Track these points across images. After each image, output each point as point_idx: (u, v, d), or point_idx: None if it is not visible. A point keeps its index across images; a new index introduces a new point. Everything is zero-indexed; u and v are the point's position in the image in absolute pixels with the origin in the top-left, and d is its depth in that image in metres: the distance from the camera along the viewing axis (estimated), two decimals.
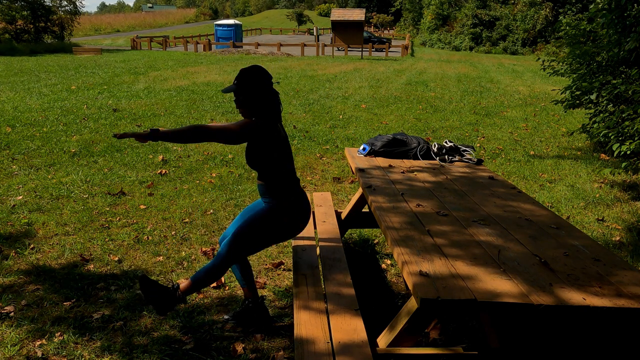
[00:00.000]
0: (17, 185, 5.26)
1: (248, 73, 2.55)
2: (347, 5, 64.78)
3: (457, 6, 41.26)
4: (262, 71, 2.57)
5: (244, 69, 2.58)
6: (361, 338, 2.12)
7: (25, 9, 28.25)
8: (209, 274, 2.61)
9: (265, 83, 2.56)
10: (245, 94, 2.53)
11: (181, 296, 2.62)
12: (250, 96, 2.53)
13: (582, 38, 7.05)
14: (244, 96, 2.54)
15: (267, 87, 2.55)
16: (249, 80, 2.53)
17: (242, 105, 2.56)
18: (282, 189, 2.63)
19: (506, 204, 2.84)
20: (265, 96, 2.54)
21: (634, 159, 5.27)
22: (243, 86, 2.53)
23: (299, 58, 24.92)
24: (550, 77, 12.03)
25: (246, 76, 2.54)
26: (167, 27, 62.69)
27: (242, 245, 2.60)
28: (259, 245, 2.66)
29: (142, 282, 2.61)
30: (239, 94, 2.55)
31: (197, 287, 2.64)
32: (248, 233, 2.60)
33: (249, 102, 2.54)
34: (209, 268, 2.61)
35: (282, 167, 2.61)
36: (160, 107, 9.94)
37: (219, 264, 2.60)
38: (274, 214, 2.63)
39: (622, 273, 2.03)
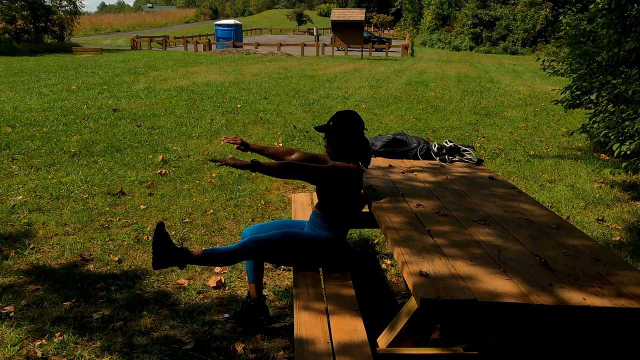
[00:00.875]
0: (17, 185, 5.26)
1: (344, 116, 2.61)
2: (347, 5, 64.77)
3: (457, 6, 41.26)
4: (357, 117, 2.63)
5: (341, 112, 2.63)
6: (361, 338, 2.12)
7: (25, 9, 28.24)
8: (222, 257, 2.58)
9: (359, 130, 2.61)
10: (339, 136, 2.59)
11: (184, 259, 2.55)
12: (343, 139, 2.59)
13: (582, 38, 7.04)
14: (337, 138, 2.60)
15: (358, 135, 2.61)
16: (345, 124, 2.59)
17: (334, 147, 2.62)
18: (337, 228, 2.67)
19: (506, 204, 2.83)
20: (357, 142, 2.60)
21: (634, 159, 5.27)
22: (338, 129, 2.59)
23: (299, 58, 24.92)
24: (550, 77, 12.03)
25: (342, 119, 2.60)
26: (167, 27, 62.70)
27: (269, 250, 2.60)
28: (284, 259, 2.68)
29: (158, 229, 2.52)
30: (332, 135, 2.61)
31: (204, 261, 2.58)
32: (284, 243, 2.61)
33: (341, 145, 2.60)
34: (226, 252, 2.57)
35: (349, 211, 2.66)
36: (160, 107, 9.94)
37: (237, 253, 2.57)
38: (317, 243, 2.66)
39: (622, 273, 2.03)
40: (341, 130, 2.59)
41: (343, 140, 2.59)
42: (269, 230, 2.83)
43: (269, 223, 2.91)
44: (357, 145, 2.62)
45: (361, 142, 2.64)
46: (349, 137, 2.59)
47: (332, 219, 2.67)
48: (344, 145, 2.60)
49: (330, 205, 2.66)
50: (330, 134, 2.61)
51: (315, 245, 2.66)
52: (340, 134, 2.59)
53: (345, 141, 2.60)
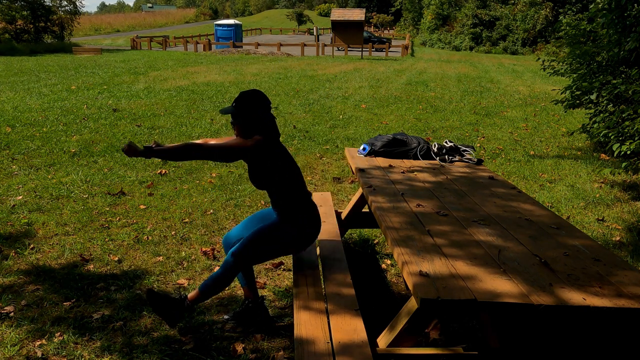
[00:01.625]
0: (17, 185, 5.26)
1: (247, 97, 2.59)
2: (347, 5, 64.78)
3: (457, 6, 41.25)
4: (261, 96, 2.62)
5: (244, 92, 2.62)
6: (361, 338, 2.11)
7: (25, 9, 28.24)
8: (216, 283, 2.66)
9: (264, 108, 2.60)
10: (243, 117, 2.57)
11: (190, 305, 2.69)
12: (248, 120, 2.57)
13: (582, 38, 7.04)
14: (241, 119, 2.58)
15: (265, 112, 2.60)
16: (248, 104, 2.58)
17: (240, 127, 2.60)
18: (293, 203, 2.66)
19: (506, 204, 2.83)
20: (262, 120, 2.58)
21: (634, 159, 5.27)
22: (241, 109, 2.57)
23: (299, 58, 24.92)
24: (550, 77, 12.03)
25: (245, 100, 2.58)
26: (167, 27, 62.69)
27: (249, 256, 2.64)
28: (267, 256, 2.70)
29: (149, 296, 2.66)
30: (237, 116, 2.59)
31: (205, 296, 2.70)
32: (257, 244, 2.63)
33: (246, 125, 2.58)
34: (217, 277, 2.65)
35: (289, 182, 2.64)
36: (160, 107, 9.94)
37: (226, 274, 2.64)
38: (284, 227, 2.66)
39: (622, 273, 2.03)
40: (245, 110, 2.56)
41: (248, 120, 2.57)
42: (238, 230, 2.85)
43: (244, 222, 2.89)
44: (262, 124, 2.58)
45: (266, 120, 2.60)
46: (254, 117, 2.57)
47: (281, 199, 2.66)
48: (250, 125, 2.57)
49: (270, 189, 2.65)
50: (235, 115, 2.59)
51: (284, 228, 2.66)
52: (245, 115, 2.56)
53: (250, 121, 2.57)
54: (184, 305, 2.68)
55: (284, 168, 2.62)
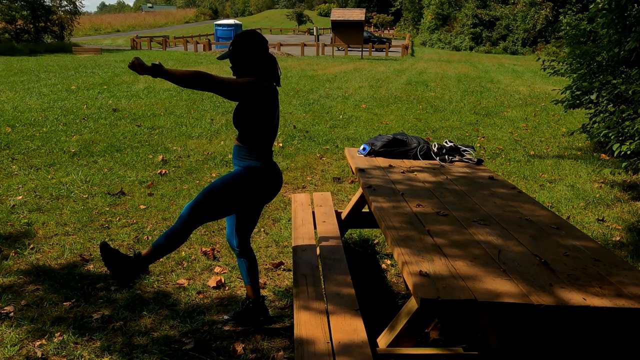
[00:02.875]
0: (17, 185, 5.26)
1: (243, 38, 2.53)
2: (347, 5, 64.78)
3: (457, 6, 41.24)
4: (257, 35, 2.55)
5: (239, 34, 2.56)
6: (361, 338, 2.11)
7: (25, 8, 28.25)
8: (171, 238, 2.48)
9: (261, 47, 2.53)
10: (241, 59, 2.51)
11: (142, 263, 2.49)
12: (246, 61, 2.51)
13: (582, 38, 7.04)
14: (239, 61, 2.52)
15: (262, 52, 2.53)
16: (245, 45, 2.51)
17: (239, 69, 2.54)
18: (261, 153, 2.58)
19: (506, 204, 2.83)
20: (261, 60, 2.52)
21: (634, 159, 5.27)
22: (238, 51, 2.51)
23: (299, 58, 24.92)
24: (551, 77, 12.03)
25: (241, 41, 2.52)
26: (167, 27, 62.68)
27: (209, 205, 2.49)
28: (226, 207, 2.54)
29: (103, 250, 2.47)
30: (234, 60, 2.53)
31: (159, 253, 2.51)
32: (214, 193, 2.49)
33: (246, 67, 2.51)
34: (171, 232, 2.49)
35: (266, 132, 2.57)
36: (160, 107, 9.94)
37: (182, 226, 2.47)
38: (248, 175, 2.55)
39: (622, 273, 2.03)
40: (242, 51, 2.51)
41: (245, 61, 2.51)
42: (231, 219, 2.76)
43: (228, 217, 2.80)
44: (260, 63, 2.52)
45: (265, 60, 2.54)
46: (251, 57, 2.51)
47: (254, 147, 2.57)
48: (248, 66, 2.51)
49: (246, 131, 2.55)
50: (233, 58, 2.53)
51: (247, 175, 2.55)
52: (242, 56, 2.51)
53: (248, 61, 2.51)
54: (137, 262, 2.48)
55: (267, 117, 2.54)
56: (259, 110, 2.50)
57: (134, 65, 2.26)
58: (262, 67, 2.53)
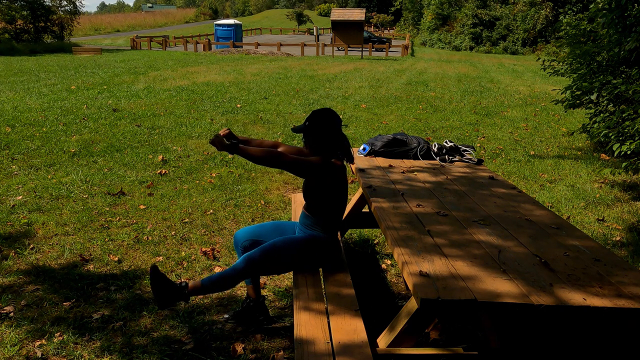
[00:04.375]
0: (16, 185, 5.26)
1: (320, 115, 2.60)
2: (347, 5, 64.76)
3: (457, 6, 41.24)
4: (333, 114, 2.63)
5: (317, 111, 2.62)
6: (361, 338, 2.11)
7: (25, 8, 28.23)
8: (221, 282, 2.59)
9: (336, 126, 2.60)
10: (316, 135, 2.59)
11: (186, 294, 2.60)
12: (321, 137, 2.58)
13: (583, 38, 7.04)
14: (313, 138, 2.60)
15: (337, 130, 2.61)
16: (321, 122, 2.58)
17: (312, 145, 2.61)
18: (327, 225, 2.66)
19: (506, 204, 2.83)
20: (335, 138, 2.60)
21: (634, 159, 5.26)
22: (314, 127, 2.58)
23: (299, 58, 24.92)
24: (551, 77, 12.03)
25: (318, 118, 2.59)
26: (167, 27, 62.67)
27: (263, 266, 2.60)
28: (279, 269, 2.67)
29: (152, 273, 2.57)
30: (308, 135, 2.60)
31: (205, 291, 2.62)
32: (274, 256, 2.59)
33: (319, 143, 2.59)
34: (223, 276, 2.58)
35: (335, 208, 2.65)
36: (160, 107, 9.94)
37: (234, 276, 2.58)
38: (310, 244, 2.64)
39: (622, 273, 2.03)
40: (318, 129, 2.57)
41: (321, 139, 2.58)
42: (259, 233, 2.80)
43: (259, 226, 2.86)
44: (335, 143, 2.60)
45: (339, 139, 2.62)
46: (327, 135, 2.58)
47: (321, 220, 2.65)
48: (323, 144, 2.58)
49: (317, 206, 2.64)
50: (308, 133, 2.60)
51: (309, 248, 2.64)
52: (318, 133, 2.57)
53: (323, 139, 2.58)
54: (182, 292, 2.58)
55: (338, 193, 2.61)
56: (329, 188, 2.58)
57: (214, 142, 2.44)
58: (335, 145, 2.60)
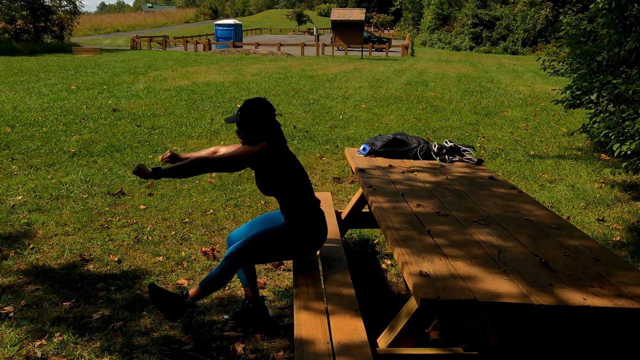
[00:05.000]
0: (16, 185, 5.25)
1: (252, 105, 2.61)
2: (347, 5, 64.75)
3: (457, 6, 41.24)
4: (265, 103, 2.64)
5: (248, 101, 2.64)
6: (361, 338, 2.11)
7: (24, 8, 28.24)
8: (215, 281, 2.65)
9: (268, 115, 2.62)
10: (248, 125, 2.60)
11: (191, 302, 2.69)
12: (253, 128, 2.60)
13: (583, 38, 7.04)
14: (246, 127, 2.61)
15: (270, 119, 2.62)
16: (253, 111, 2.59)
17: (245, 136, 2.62)
18: (301, 210, 2.66)
19: (506, 204, 2.83)
20: (267, 128, 2.60)
21: (635, 159, 5.26)
22: (246, 117, 2.60)
23: (299, 58, 24.92)
24: (551, 77, 12.02)
25: (250, 108, 2.60)
26: (167, 27, 62.66)
27: (251, 255, 2.64)
28: (265, 258, 2.70)
29: (151, 290, 2.67)
30: (242, 125, 2.61)
31: (205, 292, 2.69)
32: (256, 245, 2.63)
33: (252, 133, 2.60)
34: (215, 275, 2.65)
35: (295, 189, 2.64)
36: (160, 107, 9.94)
37: (223, 272, 2.64)
38: (288, 232, 2.66)
39: (622, 273, 2.03)
40: (250, 118, 2.59)
41: (253, 128, 2.59)
42: (250, 230, 2.85)
43: (250, 223, 2.90)
44: (267, 131, 2.60)
45: (272, 127, 2.62)
46: (259, 125, 2.59)
47: (289, 205, 2.66)
48: (255, 133, 2.59)
49: (277, 195, 2.66)
50: (241, 124, 2.61)
51: (291, 233, 2.66)
52: (250, 123, 2.59)
53: (255, 129, 2.59)
54: (186, 301, 2.68)
55: (290, 175, 2.62)
56: (274, 172, 2.59)
57: (136, 172, 2.51)
58: (268, 134, 2.61)
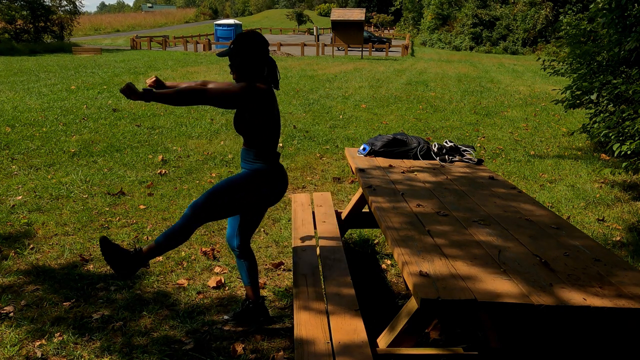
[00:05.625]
0: (16, 185, 5.25)
1: (245, 37, 2.54)
2: (347, 5, 64.76)
3: (457, 6, 41.24)
4: (258, 36, 2.56)
5: (241, 33, 2.57)
6: (361, 338, 2.11)
7: (24, 8, 28.25)
8: (173, 235, 2.48)
9: (262, 48, 2.54)
10: (241, 57, 2.52)
11: (144, 258, 2.49)
12: (246, 60, 2.51)
13: (583, 38, 7.04)
14: (239, 60, 2.52)
15: (263, 53, 2.54)
16: (246, 44, 2.52)
17: (237, 69, 2.54)
18: (267, 156, 2.59)
19: (506, 204, 2.83)
20: (261, 61, 2.53)
21: (635, 159, 5.26)
22: (239, 50, 2.52)
23: (299, 58, 24.91)
24: (551, 77, 12.02)
25: (243, 40, 2.53)
26: (166, 27, 62.67)
27: (212, 205, 2.48)
28: (229, 208, 2.54)
29: (102, 245, 2.45)
30: (234, 57, 2.53)
31: (160, 249, 2.50)
32: (223, 192, 2.50)
33: (245, 66, 2.52)
34: (175, 229, 2.48)
35: (270, 135, 2.58)
36: (160, 107, 9.93)
37: (184, 225, 2.47)
38: (254, 177, 2.57)
39: (622, 273, 2.03)
40: (242, 51, 2.51)
41: (246, 61, 2.51)
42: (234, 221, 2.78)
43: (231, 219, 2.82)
44: (261, 65, 2.53)
45: (265, 62, 2.55)
46: (252, 58, 2.52)
47: (257, 149, 2.58)
48: (248, 67, 2.52)
49: (250, 136, 2.56)
50: (233, 57, 2.54)
51: (254, 178, 2.57)
52: (243, 55, 2.51)
53: (248, 62, 2.52)
54: (138, 258, 2.47)
55: (268, 120, 2.54)
56: (258, 113, 2.50)
57: (125, 90, 2.28)
58: (261, 68, 2.54)
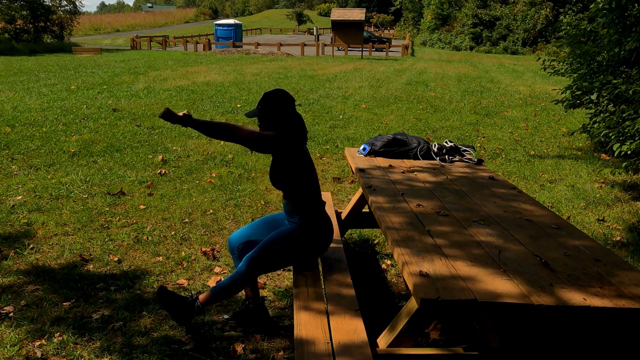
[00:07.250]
0: (16, 185, 5.25)
1: (271, 97, 2.59)
2: (347, 5, 64.75)
3: (457, 6, 41.24)
4: (284, 95, 2.61)
5: (267, 93, 2.62)
6: (361, 338, 2.11)
7: (24, 8, 28.24)
8: (228, 289, 2.66)
9: (288, 106, 2.60)
10: (268, 117, 2.57)
11: (200, 307, 2.70)
12: (273, 120, 2.57)
13: (583, 38, 7.04)
14: (266, 120, 2.58)
15: (290, 110, 2.60)
16: (272, 103, 2.57)
17: (266, 128, 2.59)
18: (309, 208, 2.65)
19: (506, 204, 2.83)
20: (288, 119, 2.58)
21: (635, 159, 5.26)
22: (266, 111, 2.57)
23: (299, 58, 24.91)
24: (551, 77, 12.02)
25: (268, 101, 2.58)
26: (166, 27, 62.66)
27: (263, 264, 2.64)
28: (281, 263, 2.71)
29: (160, 293, 2.66)
30: (262, 118, 2.59)
31: (215, 299, 2.71)
32: (271, 252, 2.63)
33: (272, 125, 2.58)
34: (229, 283, 2.66)
35: (308, 184, 2.63)
36: (160, 107, 9.93)
37: (239, 280, 2.64)
38: (300, 235, 2.65)
39: (622, 273, 2.03)
40: (271, 110, 2.57)
41: (275, 120, 2.57)
42: (251, 234, 2.83)
43: (250, 225, 2.88)
44: (290, 123, 2.58)
45: (293, 118, 2.60)
46: (281, 116, 2.57)
47: (297, 202, 2.64)
48: (276, 125, 2.57)
49: (287, 189, 2.63)
50: (261, 117, 2.59)
51: (300, 236, 2.65)
52: (271, 115, 2.57)
53: (275, 121, 2.57)
54: (194, 306, 2.69)
55: (304, 169, 2.61)
56: (293, 161, 2.57)
57: (165, 115, 2.41)
58: (289, 125, 2.59)
